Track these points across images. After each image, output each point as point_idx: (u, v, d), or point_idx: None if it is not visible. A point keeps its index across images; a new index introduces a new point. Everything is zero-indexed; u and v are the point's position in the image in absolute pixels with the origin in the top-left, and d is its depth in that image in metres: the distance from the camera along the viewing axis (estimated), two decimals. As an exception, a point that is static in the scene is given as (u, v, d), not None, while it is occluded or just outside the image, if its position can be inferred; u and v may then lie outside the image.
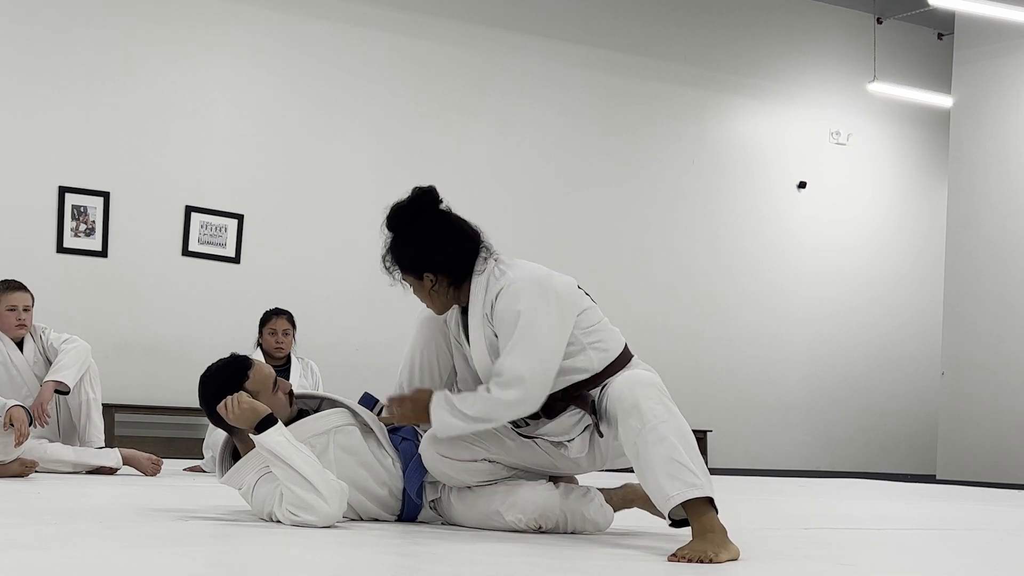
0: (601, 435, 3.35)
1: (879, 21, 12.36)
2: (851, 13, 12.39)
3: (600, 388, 3.36)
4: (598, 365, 3.38)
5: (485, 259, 3.47)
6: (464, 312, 3.52)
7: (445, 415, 3.35)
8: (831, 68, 12.31)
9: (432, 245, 3.42)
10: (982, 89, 10.81)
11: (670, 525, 3.15)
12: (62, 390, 6.00)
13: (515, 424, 3.50)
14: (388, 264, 3.49)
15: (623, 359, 3.43)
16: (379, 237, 3.59)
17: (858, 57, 12.29)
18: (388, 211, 3.47)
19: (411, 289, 3.52)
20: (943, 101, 11.76)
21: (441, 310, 3.53)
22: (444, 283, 3.44)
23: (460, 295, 3.47)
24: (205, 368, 3.66)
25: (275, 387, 3.59)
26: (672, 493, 3.03)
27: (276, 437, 3.42)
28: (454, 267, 3.43)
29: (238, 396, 3.47)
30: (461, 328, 3.55)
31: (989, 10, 10.00)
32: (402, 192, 3.60)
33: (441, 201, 3.51)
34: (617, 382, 3.26)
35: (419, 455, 3.59)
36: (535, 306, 3.32)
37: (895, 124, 12.69)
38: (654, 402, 3.15)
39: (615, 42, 11.14)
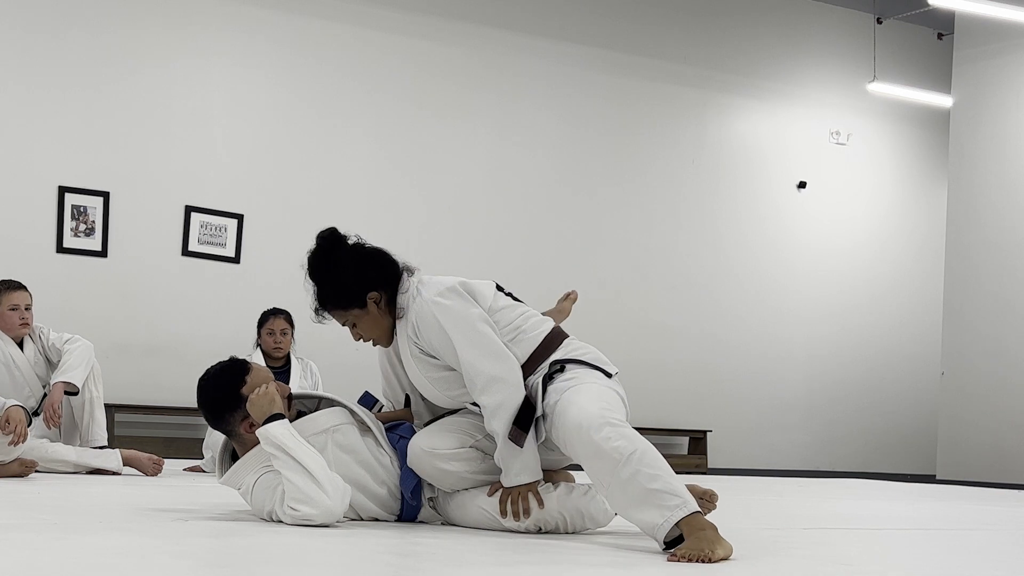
0: (520, 445, 3.41)
1: (879, 21, 12.36)
2: (851, 13, 12.39)
3: (536, 375, 3.45)
4: (521, 356, 3.50)
5: (408, 277, 3.64)
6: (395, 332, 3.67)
7: (500, 454, 3.44)
8: (831, 68, 12.31)
9: (360, 267, 3.60)
10: (982, 89, 10.81)
11: (664, 549, 3.11)
12: (71, 391, 6.01)
13: None
14: (326, 310, 3.63)
15: (550, 343, 3.54)
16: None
17: (858, 57, 12.29)
18: (306, 264, 3.63)
19: (353, 332, 3.65)
20: (943, 101, 11.76)
21: (388, 339, 3.66)
22: (385, 299, 3.60)
23: (393, 314, 3.62)
24: (204, 370, 3.67)
25: None
26: (659, 521, 3.05)
27: (280, 429, 3.44)
28: (388, 279, 3.60)
29: (267, 385, 3.52)
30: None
31: (989, 10, 10.00)
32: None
33: (347, 237, 3.68)
34: (567, 418, 3.26)
35: None
36: (456, 311, 3.49)
37: (895, 124, 12.69)
38: (614, 440, 3.15)
39: (615, 42, 11.14)
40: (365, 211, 9.68)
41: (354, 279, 3.57)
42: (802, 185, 12.06)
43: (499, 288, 3.69)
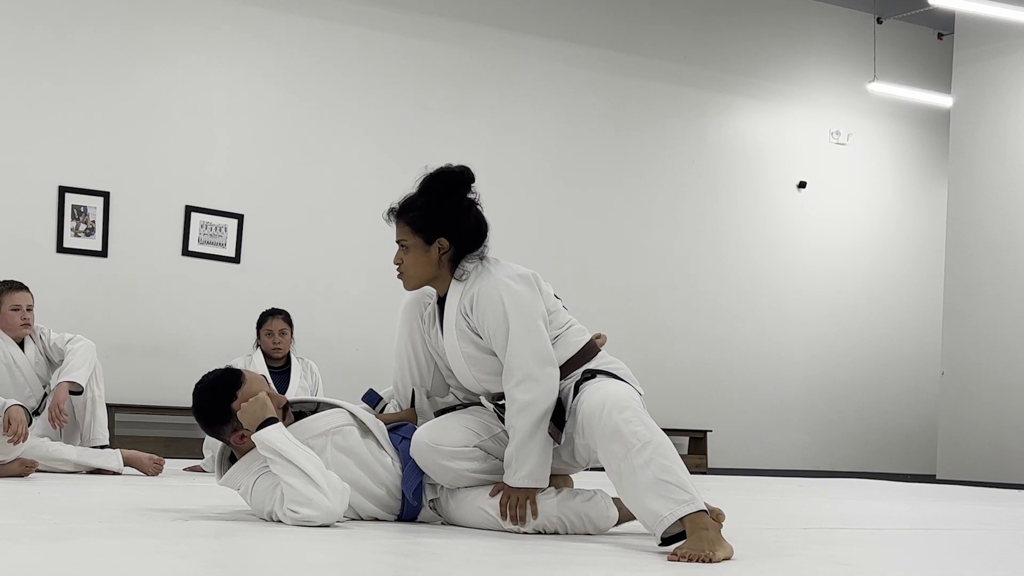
0: (558, 442, 3.43)
1: (879, 21, 12.36)
2: (851, 13, 12.39)
3: (569, 380, 3.47)
4: (559, 359, 3.50)
5: (479, 257, 3.60)
6: (439, 303, 3.64)
7: (514, 453, 3.43)
8: (831, 68, 12.31)
9: (460, 215, 3.58)
10: (982, 89, 10.81)
11: (660, 545, 3.11)
12: (75, 390, 6.01)
13: (500, 418, 3.58)
14: (400, 219, 3.60)
15: (586, 353, 3.55)
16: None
17: (858, 57, 12.29)
18: (432, 171, 3.63)
19: (396, 254, 3.61)
20: (943, 101, 11.77)
21: (417, 283, 3.63)
22: (448, 256, 3.57)
23: (444, 278, 3.59)
24: (201, 376, 3.66)
25: None
26: (665, 513, 3.04)
27: (275, 433, 3.44)
28: (465, 244, 3.58)
29: (255, 396, 3.50)
30: (437, 318, 3.65)
31: (989, 10, 10.00)
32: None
33: (473, 192, 3.68)
34: (592, 400, 3.28)
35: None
36: (524, 299, 3.48)
37: (895, 124, 12.69)
38: (635, 424, 3.17)
39: (615, 42, 11.14)
40: (365, 211, 9.67)
41: (445, 216, 3.56)
42: (802, 185, 12.06)
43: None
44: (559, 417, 3.42)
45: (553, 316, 3.58)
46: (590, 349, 3.58)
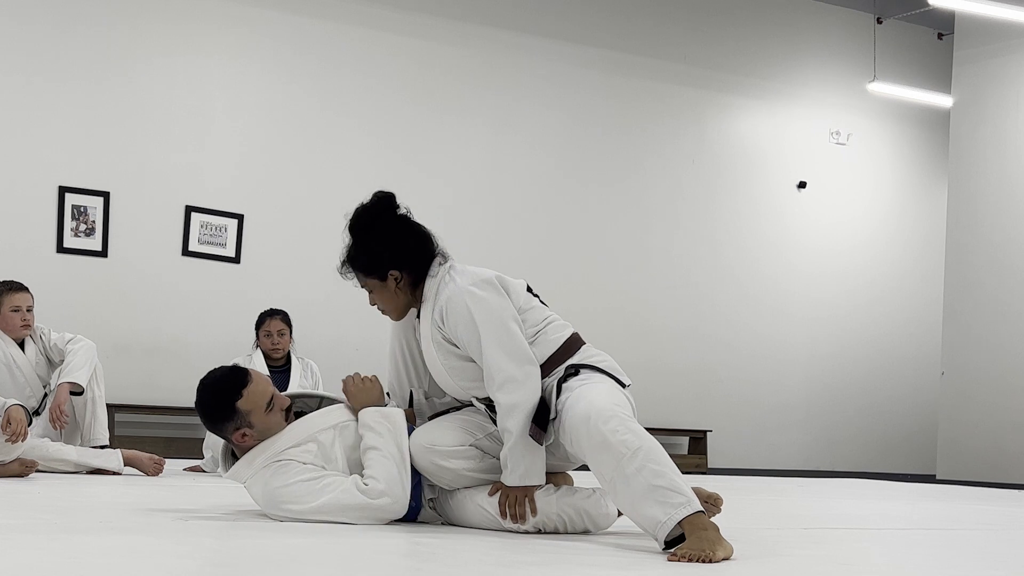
0: (540, 443, 3.43)
1: (879, 21, 12.36)
2: (851, 13, 12.39)
3: (552, 378, 3.46)
4: (539, 358, 3.50)
5: (440, 264, 3.63)
6: (419, 315, 3.67)
7: (509, 453, 3.43)
8: (831, 68, 12.31)
9: (395, 242, 3.60)
10: (982, 89, 10.81)
11: (664, 549, 3.10)
12: (76, 391, 6.01)
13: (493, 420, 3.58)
14: (347, 269, 3.66)
15: (568, 348, 3.55)
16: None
17: (858, 57, 12.29)
18: (350, 216, 3.64)
19: (369, 297, 3.67)
20: (943, 101, 11.77)
21: (399, 315, 3.68)
22: (407, 281, 3.60)
23: (416, 296, 3.63)
24: (207, 372, 3.65)
25: (270, 406, 3.57)
26: (663, 519, 3.04)
27: (401, 417, 3.59)
28: (416, 263, 3.60)
29: (367, 378, 3.68)
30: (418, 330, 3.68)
31: (989, 10, 10.00)
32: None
33: (399, 207, 3.69)
34: (576, 411, 3.27)
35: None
36: (490, 305, 3.49)
37: (895, 124, 12.69)
38: (622, 433, 3.16)
39: (615, 42, 11.14)
40: (365, 211, 9.67)
41: (383, 250, 3.58)
42: (802, 185, 12.06)
43: (529, 290, 3.69)
44: (543, 417, 3.41)
45: (528, 314, 3.57)
46: (572, 344, 3.57)
